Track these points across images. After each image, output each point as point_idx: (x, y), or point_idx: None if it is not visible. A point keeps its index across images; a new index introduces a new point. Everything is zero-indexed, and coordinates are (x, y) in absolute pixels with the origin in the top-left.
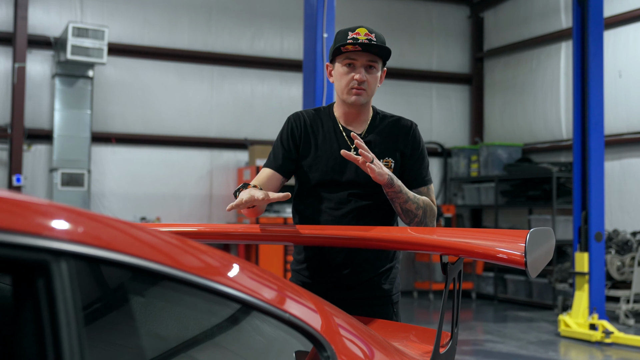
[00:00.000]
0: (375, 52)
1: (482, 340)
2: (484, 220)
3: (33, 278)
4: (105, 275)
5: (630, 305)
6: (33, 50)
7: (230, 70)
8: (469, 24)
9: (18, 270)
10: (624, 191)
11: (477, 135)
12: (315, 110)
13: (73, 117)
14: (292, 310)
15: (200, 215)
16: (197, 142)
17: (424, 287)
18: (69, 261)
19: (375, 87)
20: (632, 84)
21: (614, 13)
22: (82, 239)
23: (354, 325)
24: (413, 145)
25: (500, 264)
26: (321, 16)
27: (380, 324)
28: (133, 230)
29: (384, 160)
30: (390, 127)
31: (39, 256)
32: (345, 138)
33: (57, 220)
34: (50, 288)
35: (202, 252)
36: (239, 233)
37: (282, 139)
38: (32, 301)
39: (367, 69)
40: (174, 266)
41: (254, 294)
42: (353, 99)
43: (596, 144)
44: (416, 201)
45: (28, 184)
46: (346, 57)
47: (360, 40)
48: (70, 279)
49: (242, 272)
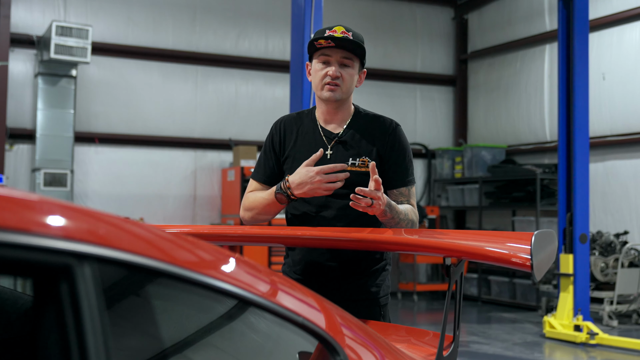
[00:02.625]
0: (349, 48)
1: (468, 342)
2: (467, 221)
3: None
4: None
5: (613, 306)
6: (15, 49)
7: (214, 70)
8: (453, 26)
9: (39, 273)
10: (607, 193)
11: (461, 136)
12: (298, 113)
13: (56, 117)
14: (298, 309)
15: (184, 216)
16: (181, 142)
17: (408, 288)
18: (91, 264)
19: (351, 84)
20: (616, 86)
21: (598, 16)
22: (103, 241)
23: (356, 325)
24: (392, 145)
25: (506, 267)
26: (309, 17)
27: (376, 326)
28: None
29: (361, 159)
30: (369, 126)
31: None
32: (323, 138)
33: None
34: (73, 291)
35: (203, 249)
36: (224, 234)
37: (265, 149)
38: (55, 304)
39: (342, 66)
40: (171, 262)
41: (267, 297)
42: (327, 95)
43: (581, 146)
44: (404, 217)
45: (10, 184)
46: (321, 54)
47: (337, 36)
48: (94, 282)
49: (263, 276)
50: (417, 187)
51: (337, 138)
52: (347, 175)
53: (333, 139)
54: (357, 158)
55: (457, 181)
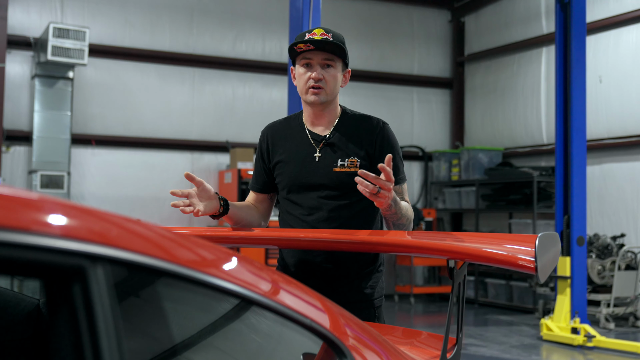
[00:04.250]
0: (330, 49)
1: (465, 344)
2: (464, 224)
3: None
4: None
5: (610, 309)
6: (12, 50)
7: (211, 72)
8: (450, 28)
9: (50, 275)
10: (604, 196)
11: (458, 139)
12: (285, 118)
13: (53, 119)
14: (304, 310)
15: (181, 218)
16: (178, 144)
17: (405, 291)
18: (105, 266)
19: (335, 85)
20: (613, 89)
21: (595, 19)
22: (116, 242)
23: (362, 326)
24: (381, 143)
25: (510, 269)
26: (307, 19)
27: (377, 327)
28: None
29: (349, 159)
30: (357, 126)
31: (71, 260)
32: (311, 141)
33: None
34: (86, 293)
35: (201, 247)
36: (216, 236)
37: (256, 157)
38: (68, 306)
39: (325, 67)
40: (174, 262)
41: (271, 297)
42: (312, 98)
43: (578, 148)
44: (405, 213)
45: (6, 186)
46: (303, 57)
47: (316, 39)
48: (107, 283)
49: (274, 280)
50: (414, 190)
51: (324, 140)
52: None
53: (321, 141)
54: (345, 159)
55: (453, 184)
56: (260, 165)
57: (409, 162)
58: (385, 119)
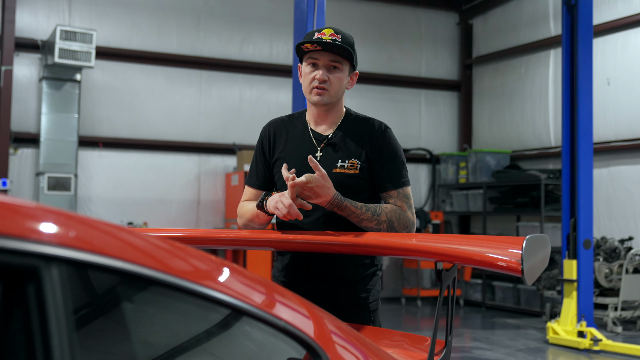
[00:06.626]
0: (336, 51)
1: (470, 347)
2: (472, 226)
3: (23, 283)
4: (93, 281)
5: (618, 312)
6: (20, 53)
7: (218, 75)
8: (458, 31)
9: (7, 275)
10: (611, 199)
11: (466, 141)
12: (288, 116)
13: (60, 121)
14: (286, 316)
15: (188, 220)
16: (185, 146)
17: (411, 294)
18: (60, 266)
19: (339, 88)
20: (620, 91)
21: (603, 21)
22: (74, 243)
23: (346, 331)
24: (381, 147)
25: (496, 271)
26: (311, 21)
27: (368, 331)
28: (124, 234)
29: (350, 161)
30: (358, 128)
31: (29, 261)
32: (313, 140)
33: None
34: (40, 294)
35: (192, 256)
36: (215, 238)
37: (255, 154)
38: (22, 307)
39: (330, 69)
40: (164, 271)
41: (246, 300)
42: (316, 99)
43: (585, 151)
44: (376, 217)
45: (14, 188)
46: (309, 57)
47: (325, 40)
48: (62, 284)
49: (248, 281)
50: (422, 192)
51: (326, 140)
52: (310, 207)
53: (323, 140)
54: (346, 160)
55: (461, 186)
56: (261, 161)
57: (416, 165)
58: (392, 122)
